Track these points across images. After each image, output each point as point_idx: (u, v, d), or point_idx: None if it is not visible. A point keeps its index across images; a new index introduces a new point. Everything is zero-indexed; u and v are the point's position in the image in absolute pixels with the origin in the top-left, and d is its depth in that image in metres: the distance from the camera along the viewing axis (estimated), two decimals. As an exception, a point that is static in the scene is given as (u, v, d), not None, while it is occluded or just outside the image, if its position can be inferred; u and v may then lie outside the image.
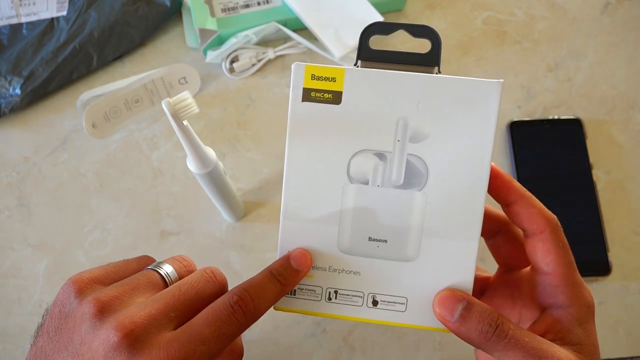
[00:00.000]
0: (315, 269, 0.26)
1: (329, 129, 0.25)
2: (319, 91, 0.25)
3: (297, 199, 0.26)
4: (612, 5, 0.57)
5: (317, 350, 0.45)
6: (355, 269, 0.26)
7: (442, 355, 0.45)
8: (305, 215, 0.26)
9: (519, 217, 0.26)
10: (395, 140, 0.25)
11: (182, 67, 0.54)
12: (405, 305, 0.26)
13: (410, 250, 0.26)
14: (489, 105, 0.25)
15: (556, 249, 0.25)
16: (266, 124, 0.52)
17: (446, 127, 0.25)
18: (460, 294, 0.25)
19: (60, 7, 0.56)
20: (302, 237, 0.26)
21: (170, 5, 0.55)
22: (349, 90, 0.25)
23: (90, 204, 0.50)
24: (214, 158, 0.38)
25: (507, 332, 0.23)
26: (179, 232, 0.49)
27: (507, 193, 0.26)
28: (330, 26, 0.53)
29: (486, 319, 0.23)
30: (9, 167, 0.52)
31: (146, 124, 0.53)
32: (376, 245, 0.26)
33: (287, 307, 0.27)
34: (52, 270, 0.48)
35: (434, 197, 0.25)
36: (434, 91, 0.25)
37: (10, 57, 0.53)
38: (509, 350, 0.23)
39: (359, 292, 0.26)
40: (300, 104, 0.25)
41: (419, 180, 0.25)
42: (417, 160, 0.25)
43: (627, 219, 0.49)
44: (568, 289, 0.25)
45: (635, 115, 0.52)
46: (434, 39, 0.25)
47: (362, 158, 0.25)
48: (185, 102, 0.33)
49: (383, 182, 0.25)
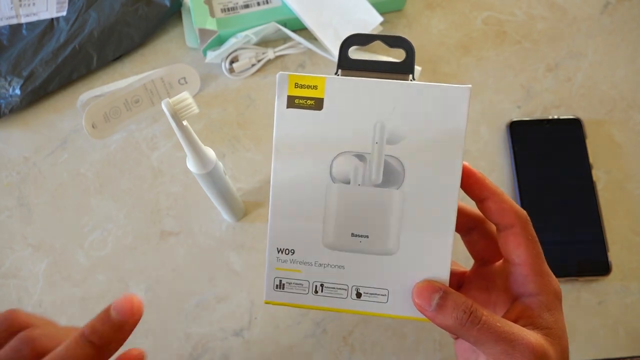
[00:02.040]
0: (302, 264, 0.28)
1: (312, 133, 0.27)
2: (302, 98, 0.27)
3: (284, 198, 0.28)
4: (612, 5, 0.57)
5: (317, 350, 0.45)
6: (339, 263, 0.28)
7: (442, 356, 0.45)
8: (292, 214, 0.28)
9: (491, 212, 0.28)
10: (374, 142, 0.27)
11: (182, 67, 0.54)
12: (387, 297, 0.28)
13: (390, 245, 0.27)
14: (458, 109, 0.26)
15: (526, 242, 0.27)
16: (266, 124, 0.52)
17: (420, 130, 0.27)
18: (436, 284, 0.26)
19: (60, 7, 0.56)
20: (289, 234, 0.28)
21: (170, 5, 0.55)
22: (329, 96, 0.27)
23: (90, 204, 0.50)
24: (214, 158, 0.38)
25: (481, 318, 0.25)
26: (179, 232, 0.49)
27: (480, 190, 0.28)
28: (330, 26, 0.53)
29: (461, 306, 0.25)
30: (9, 167, 0.52)
31: (146, 124, 0.53)
32: (359, 240, 0.28)
33: (276, 301, 0.28)
34: (52, 270, 0.48)
35: (411, 194, 0.27)
36: (408, 97, 0.27)
37: (10, 58, 0.53)
38: (483, 335, 0.25)
39: (343, 284, 0.28)
40: (285, 110, 0.27)
41: (397, 178, 0.27)
42: (394, 160, 0.27)
43: (627, 219, 0.49)
44: (537, 278, 0.27)
45: (635, 115, 0.52)
46: (407, 49, 0.28)
47: (344, 159, 0.27)
48: (185, 103, 0.33)
49: (363, 181, 0.27)
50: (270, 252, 0.28)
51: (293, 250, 0.28)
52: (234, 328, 0.46)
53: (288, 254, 0.28)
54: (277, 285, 0.28)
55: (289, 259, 0.28)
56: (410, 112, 0.27)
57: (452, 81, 0.54)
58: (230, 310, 0.46)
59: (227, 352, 0.45)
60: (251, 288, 0.47)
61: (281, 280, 0.28)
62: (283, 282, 0.28)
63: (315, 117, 0.27)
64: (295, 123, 0.27)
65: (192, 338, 0.46)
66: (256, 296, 0.47)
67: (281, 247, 0.28)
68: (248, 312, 0.46)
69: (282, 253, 0.28)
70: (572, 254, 0.47)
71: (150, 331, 0.46)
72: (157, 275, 0.47)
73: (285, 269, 0.28)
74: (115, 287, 0.47)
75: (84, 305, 0.47)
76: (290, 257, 0.28)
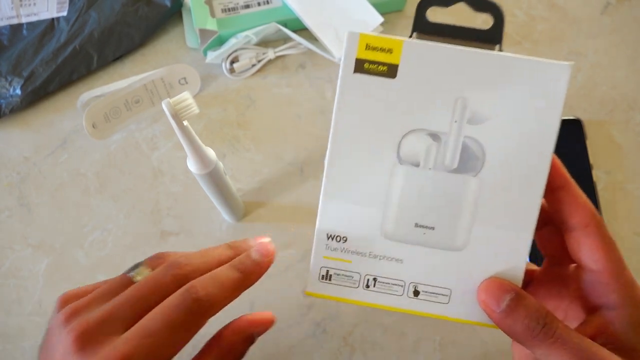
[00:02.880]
0: (354, 254, 0.25)
1: (380, 104, 0.23)
2: (373, 62, 0.23)
3: (341, 177, 0.24)
4: (612, 5, 0.57)
5: (317, 350, 0.45)
6: (397, 256, 0.25)
7: (442, 356, 0.45)
8: (348, 196, 0.24)
9: (562, 205, 0.24)
10: (452, 120, 0.23)
11: (182, 67, 0.54)
12: (449, 297, 0.24)
13: (459, 239, 0.24)
14: (556, 88, 0.23)
15: (603, 244, 0.24)
16: (266, 125, 0.52)
17: (508, 110, 0.23)
18: (509, 284, 0.23)
19: (60, 7, 0.56)
20: (343, 219, 0.24)
21: (170, 5, 0.55)
22: (406, 63, 0.23)
23: (90, 204, 0.50)
24: (214, 158, 0.38)
25: (555, 331, 0.22)
26: (179, 232, 0.49)
27: (554, 176, 0.24)
28: (330, 26, 0.53)
29: (534, 314, 0.22)
30: (9, 167, 0.52)
31: (146, 124, 0.53)
32: (422, 232, 0.24)
33: (319, 293, 0.25)
34: (52, 270, 0.48)
35: (489, 183, 0.24)
36: (498, 70, 0.23)
37: (11, 58, 0.53)
38: (555, 350, 0.21)
39: (400, 280, 0.25)
40: (351, 76, 0.23)
41: (475, 164, 0.24)
42: (473, 143, 0.23)
43: (627, 219, 0.49)
44: (620, 289, 0.23)
45: (635, 115, 0.52)
46: (497, 14, 0.24)
47: (415, 138, 0.24)
48: (185, 103, 0.33)
49: (435, 165, 0.24)
50: (318, 237, 0.25)
51: (345, 237, 0.25)
52: (234, 328, 0.46)
53: (339, 241, 0.25)
54: (324, 276, 0.25)
55: (340, 247, 0.25)
56: (498, 88, 0.23)
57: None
58: (230, 310, 0.46)
59: (227, 352, 0.45)
60: (251, 288, 0.47)
61: (328, 271, 0.25)
62: (330, 272, 0.25)
63: (387, 85, 0.23)
64: (361, 91, 0.23)
65: (192, 338, 0.46)
66: (256, 296, 0.47)
67: (332, 234, 0.25)
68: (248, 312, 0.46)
69: (333, 240, 0.25)
70: (572, 254, 0.47)
71: (150, 331, 0.46)
72: (157, 275, 0.47)
73: (335, 258, 0.25)
74: (115, 287, 0.47)
75: (84, 305, 0.47)
76: (341, 245, 0.25)
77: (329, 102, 0.53)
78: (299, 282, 0.47)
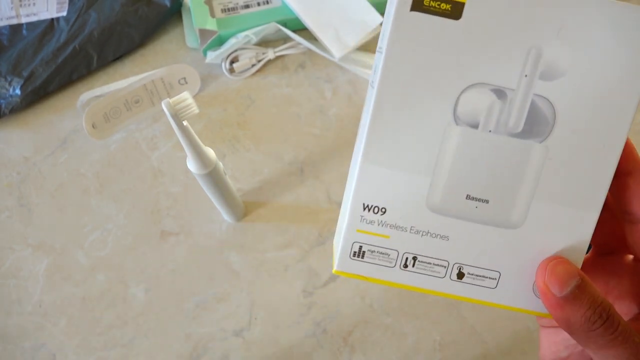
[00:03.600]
0: (394, 229, 0.22)
1: (439, 49, 0.20)
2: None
3: (385, 137, 0.21)
4: (612, 5, 0.57)
5: (317, 350, 0.45)
6: (443, 232, 0.22)
7: (442, 355, 0.45)
8: (391, 160, 0.21)
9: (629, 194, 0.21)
10: (522, 74, 0.20)
11: (182, 67, 0.54)
12: (497, 281, 0.22)
13: (515, 216, 0.21)
14: None
15: None
16: (266, 125, 0.52)
17: (590, 66, 0.20)
18: (576, 267, 0.20)
19: (60, 7, 0.56)
20: (383, 187, 0.21)
21: (170, 5, 0.55)
22: (473, 1, 0.19)
23: (90, 204, 0.50)
24: (214, 158, 0.38)
25: (617, 327, 0.19)
26: (178, 232, 0.49)
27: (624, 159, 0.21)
28: (330, 26, 0.53)
29: (598, 306, 0.19)
30: (9, 167, 0.52)
31: (146, 124, 0.53)
32: (474, 205, 0.21)
33: (349, 272, 0.22)
34: (52, 270, 0.48)
35: (557, 152, 0.20)
36: (584, 16, 0.19)
37: (11, 58, 0.53)
38: (613, 348, 0.19)
39: (443, 260, 0.22)
40: (408, 14, 0.20)
41: (543, 129, 0.20)
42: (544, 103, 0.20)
43: (627, 219, 0.49)
44: None
45: (636, 115, 0.52)
46: None
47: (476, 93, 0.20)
48: (185, 103, 0.33)
49: (497, 127, 0.20)
50: (353, 207, 0.21)
51: (385, 208, 0.21)
52: (234, 328, 0.46)
53: (377, 212, 0.21)
54: (356, 252, 0.22)
55: (377, 220, 0.22)
56: (582, 39, 0.19)
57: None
58: (230, 310, 0.46)
59: (227, 352, 0.45)
60: (251, 288, 0.47)
61: (361, 247, 0.22)
62: (364, 249, 0.22)
63: (449, 27, 0.20)
64: (419, 32, 0.20)
65: (192, 338, 0.46)
66: (256, 296, 0.47)
67: (369, 203, 0.21)
68: (248, 312, 0.46)
69: (370, 211, 0.21)
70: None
71: (150, 331, 0.46)
72: (157, 275, 0.47)
73: (370, 233, 0.22)
74: (115, 287, 0.47)
75: (84, 305, 0.47)
76: (379, 217, 0.22)
77: (329, 102, 0.53)
78: (299, 282, 0.47)
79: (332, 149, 0.51)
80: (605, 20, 0.19)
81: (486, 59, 0.20)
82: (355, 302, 0.46)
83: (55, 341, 0.46)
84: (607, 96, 0.20)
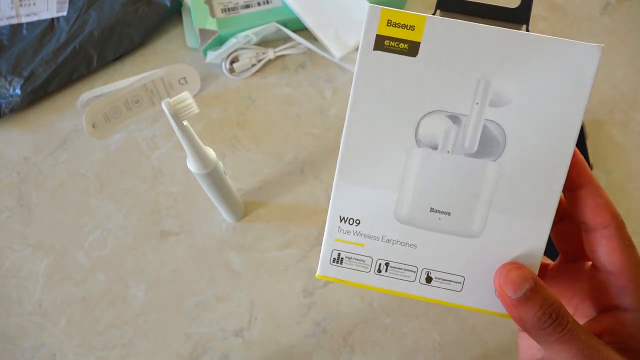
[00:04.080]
0: (367, 238, 0.24)
1: (400, 83, 0.23)
2: (394, 40, 0.23)
3: (356, 158, 0.24)
4: (612, 5, 0.57)
5: (317, 350, 0.45)
6: (411, 241, 0.24)
7: (442, 355, 0.45)
8: (363, 178, 0.24)
9: (582, 205, 0.24)
10: (474, 102, 0.23)
11: (182, 67, 0.54)
12: (462, 285, 0.24)
13: (475, 226, 0.24)
14: (584, 73, 0.22)
15: (623, 247, 0.23)
16: (266, 124, 0.52)
17: (532, 93, 0.22)
18: (529, 271, 0.23)
19: (60, 7, 0.56)
20: (357, 202, 0.24)
21: (170, 5, 0.55)
22: (428, 41, 0.22)
23: (90, 204, 0.50)
24: (214, 158, 0.38)
25: (565, 326, 0.21)
26: (179, 232, 0.49)
27: (577, 174, 0.23)
28: (330, 26, 0.53)
29: (549, 307, 0.22)
30: (9, 167, 0.52)
31: (146, 124, 0.53)
32: (438, 217, 0.24)
33: (329, 276, 0.25)
34: (52, 270, 0.48)
35: (510, 169, 0.23)
36: (523, 51, 0.22)
37: (11, 58, 0.53)
38: (561, 344, 0.21)
39: (412, 266, 0.24)
40: (371, 53, 0.23)
41: (495, 149, 0.23)
42: (495, 126, 0.23)
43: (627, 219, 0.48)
44: (637, 292, 0.23)
45: (635, 115, 0.52)
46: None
47: (434, 119, 0.23)
48: (185, 103, 0.33)
49: (454, 148, 0.23)
50: (331, 219, 0.24)
51: (359, 220, 0.24)
52: (234, 328, 0.46)
53: (352, 224, 0.24)
54: (335, 258, 0.25)
55: (353, 230, 0.24)
56: (523, 70, 0.22)
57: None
58: (230, 310, 0.46)
59: (227, 352, 0.45)
60: (251, 288, 0.47)
61: (340, 254, 0.25)
62: (342, 255, 0.25)
63: (407, 64, 0.23)
64: (381, 69, 0.23)
65: (192, 338, 0.46)
66: (256, 296, 0.47)
67: (345, 216, 0.24)
68: (248, 312, 0.46)
69: (346, 222, 0.24)
70: (572, 254, 0.47)
71: (150, 331, 0.46)
72: (157, 275, 0.47)
73: (347, 242, 0.25)
74: (115, 287, 0.47)
75: (84, 305, 0.47)
76: (354, 227, 0.24)
77: (329, 102, 0.53)
78: (299, 282, 0.47)
79: (332, 149, 0.51)
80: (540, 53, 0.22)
81: (442, 89, 0.23)
82: (355, 302, 0.46)
83: (55, 341, 0.46)
84: (551, 119, 0.22)
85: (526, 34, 0.22)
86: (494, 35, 0.22)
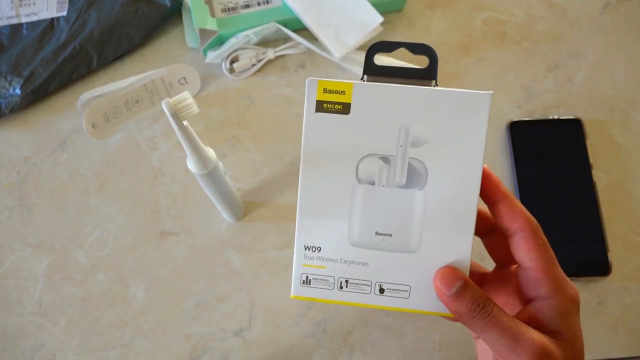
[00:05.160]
0: (328, 261, 0.29)
1: (339, 135, 0.28)
2: (330, 103, 0.28)
3: (312, 198, 0.29)
4: (612, 5, 0.57)
5: (317, 350, 0.45)
6: (363, 260, 0.29)
7: (442, 356, 0.45)
8: (319, 213, 0.29)
9: (502, 216, 0.29)
10: (398, 145, 0.28)
11: (182, 67, 0.54)
12: (409, 293, 0.29)
13: (412, 243, 0.28)
14: (480, 114, 0.28)
15: (537, 246, 0.28)
16: (266, 124, 0.52)
17: (443, 134, 0.28)
18: (460, 273, 0.28)
19: (60, 7, 0.56)
20: (316, 232, 0.29)
21: (170, 5, 0.55)
22: (356, 101, 0.28)
23: (90, 204, 0.50)
24: (214, 158, 0.38)
25: (490, 312, 0.26)
26: (179, 232, 0.49)
27: (493, 193, 0.29)
28: (330, 26, 0.53)
29: (476, 299, 0.26)
30: (9, 167, 0.52)
31: (146, 124, 0.53)
32: (382, 239, 0.29)
33: (302, 296, 0.29)
34: (52, 270, 0.48)
35: (433, 195, 0.28)
36: (432, 102, 0.28)
37: (11, 58, 0.53)
38: (488, 327, 0.26)
39: (367, 281, 0.29)
40: (314, 114, 0.28)
41: (420, 180, 0.28)
42: (417, 163, 0.28)
43: (627, 219, 0.49)
44: (549, 282, 0.28)
45: (635, 115, 0.52)
46: (431, 56, 0.29)
47: (369, 161, 0.28)
48: (185, 103, 0.33)
49: (388, 182, 0.28)
50: (298, 249, 0.29)
51: (320, 247, 0.29)
52: (234, 328, 0.46)
53: (315, 251, 0.29)
54: (304, 280, 0.29)
55: (316, 256, 0.29)
56: (434, 117, 0.28)
57: (452, 82, 0.54)
58: (230, 310, 0.46)
59: (227, 352, 0.45)
60: (251, 288, 0.47)
61: (307, 276, 0.29)
62: (310, 277, 0.29)
63: (343, 121, 0.28)
64: (323, 126, 0.28)
65: (192, 338, 0.46)
66: (256, 296, 0.47)
67: (308, 245, 0.29)
68: (248, 312, 0.46)
69: (309, 250, 0.29)
70: (572, 254, 0.47)
71: (150, 331, 0.46)
72: (157, 275, 0.47)
73: (312, 266, 0.29)
74: (115, 287, 0.47)
75: (84, 305, 0.47)
76: (316, 254, 0.29)
77: (329, 102, 0.53)
78: (299, 282, 0.47)
79: (332, 149, 0.51)
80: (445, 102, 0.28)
81: (372, 137, 0.28)
82: (355, 302, 0.46)
83: (55, 341, 0.46)
84: (459, 152, 0.28)
85: (433, 89, 0.28)
86: (408, 92, 0.28)
